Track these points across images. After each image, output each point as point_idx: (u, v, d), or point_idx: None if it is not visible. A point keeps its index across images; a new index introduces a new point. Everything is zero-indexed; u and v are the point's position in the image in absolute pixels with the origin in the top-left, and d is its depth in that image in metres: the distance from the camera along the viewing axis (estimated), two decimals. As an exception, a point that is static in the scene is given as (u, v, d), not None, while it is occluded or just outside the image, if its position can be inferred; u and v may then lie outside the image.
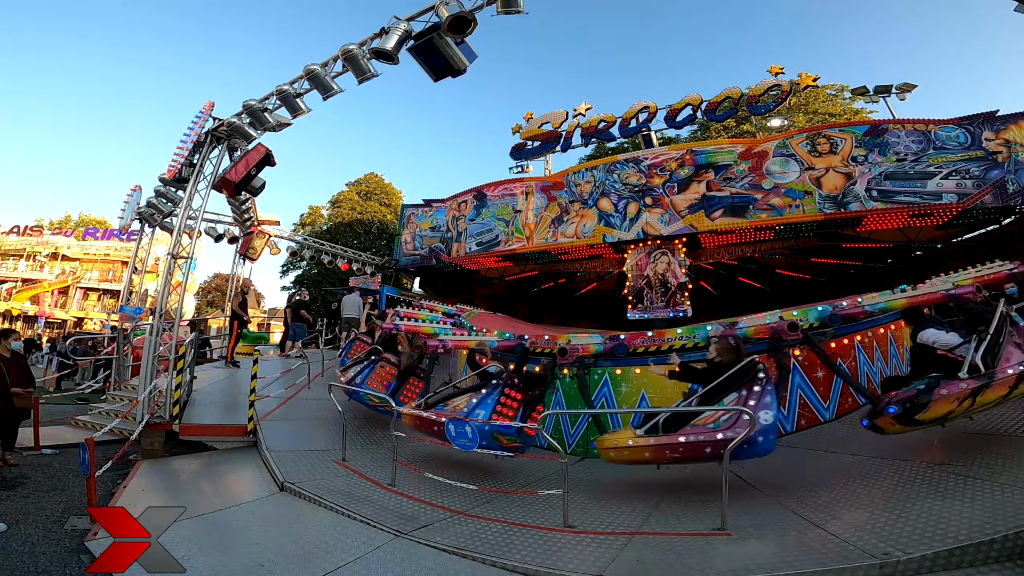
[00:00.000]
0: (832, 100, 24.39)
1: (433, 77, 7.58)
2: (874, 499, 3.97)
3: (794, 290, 14.36)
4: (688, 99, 15.36)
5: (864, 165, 10.61)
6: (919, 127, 10.46)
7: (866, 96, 15.59)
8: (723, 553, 3.50)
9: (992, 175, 9.69)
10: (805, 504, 4.13)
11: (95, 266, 36.45)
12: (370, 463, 6.21)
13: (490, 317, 10.74)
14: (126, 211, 11.32)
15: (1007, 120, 9.94)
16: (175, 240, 7.57)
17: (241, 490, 5.59)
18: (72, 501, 4.93)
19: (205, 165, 7.99)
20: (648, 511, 4.58)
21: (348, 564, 3.74)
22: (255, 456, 6.51)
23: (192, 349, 7.89)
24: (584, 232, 13.08)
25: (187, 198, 7.83)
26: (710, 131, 23.96)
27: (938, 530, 3.19)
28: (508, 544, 4.00)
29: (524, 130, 17.38)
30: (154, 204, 9.76)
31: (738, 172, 11.64)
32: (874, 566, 2.96)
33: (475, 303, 13.60)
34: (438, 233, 15.60)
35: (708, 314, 11.13)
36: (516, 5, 6.81)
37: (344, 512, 4.70)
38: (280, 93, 7.65)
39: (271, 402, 8.16)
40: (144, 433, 6.39)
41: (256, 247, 14.22)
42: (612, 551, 3.76)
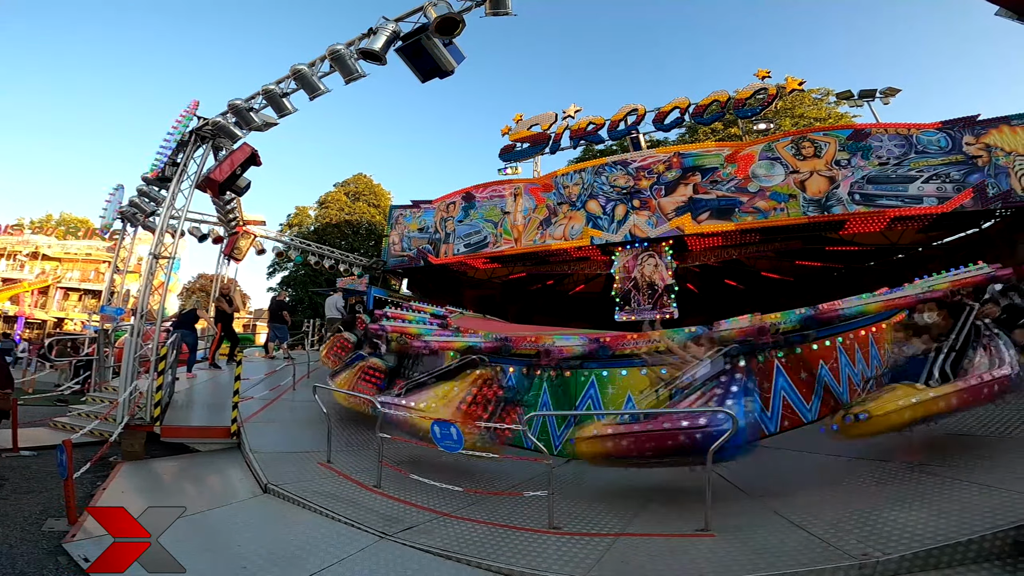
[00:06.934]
0: (818, 104, 24.70)
1: (421, 78, 7.57)
2: (855, 500, 4.01)
3: (779, 292, 14.52)
4: (676, 102, 15.49)
5: (847, 169, 10.77)
6: (901, 131, 10.64)
7: (851, 100, 15.87)
8: (706, 554, 3.52)
9: (972, 179, 9.88)
10: (788, 505, 4.17)
11: (76, 266, 35.86)
12: (355, 465, 6.16)
13: (475, 319, 10.73)
14: (108, 210, 11.07)
15: (987, 125, 10.14)
16: (157, 240, 7.47)
17: (224, 492, 5.52)
18: (50, 503, 4.84)
19: (189, 164, 7.90)
20: (633, 512, 4.59)
21: (331, 566, 3.70)
22: (239, 458, 6.43)
23: (174, 350, 7.78)
24: (572, 234, 13.12)
25: (170, 197, 7.73)
26: (698, 134, 24.16)
27: (916, 531, 3.22)
28: (493, 546, 3.98)
29: (513, 132, 17.42)
30: (136, 203, 9.62)
31: (724, 175, 11.76)
32: (853, 566, 2.99)
33: (465, 305, 13.59)
34: (426, 234, 15.57)
35: (694, 316, 11.21)
36: (505, 7, 6.82)
37: (328, 514, 4.66)
38: (266, 93, 7.60)
39: (255, 403, 8.07)
40: (124, 435, 6.30)
41: (241, 247, 14.07)
42: (597, 552, 3.76)
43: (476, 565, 3.71)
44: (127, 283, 12.66)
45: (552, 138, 17.03)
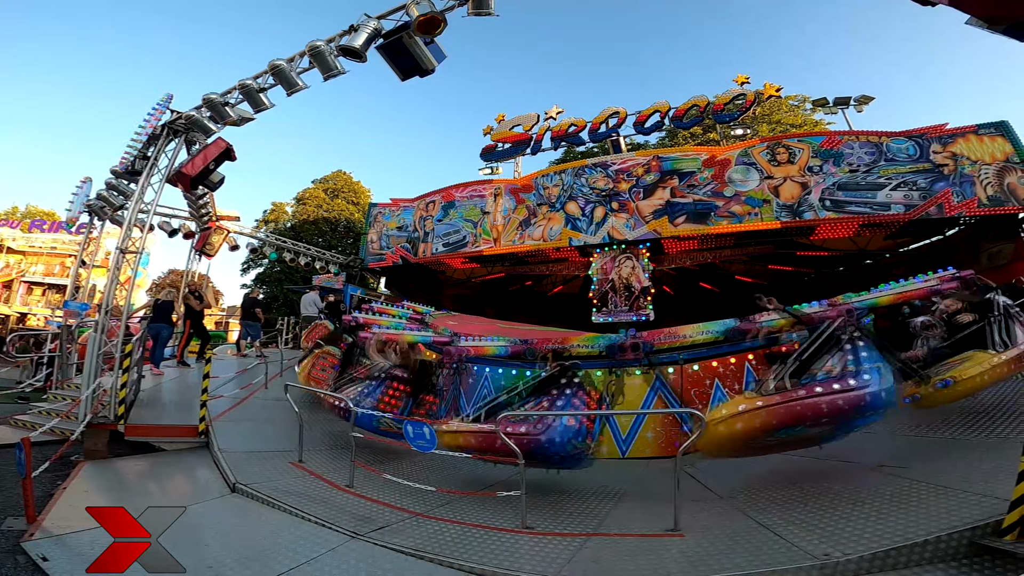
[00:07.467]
0: (794, 111, 25.25)
1: (401, 76, 7.53)
2: (819, 500, 4.10)
3: (751, 296, 14.74)
4: (657, 106, 15.70)
5: (819, 175, 11.01)
6: (872, 139, 10.92)
7: (826, 107, 16.22)
8: (675, 554, 3.57)
9: (938, 187, 10.17)
10: (755, 505, 4.24)
11: (41, 259, 34.67)
12: (328, 464, 6.08)
13: (448, 317, 10.69)
14: (75, 203, 10.75)
15: (955, 134, 10.45)
16: (124, 234, 7.26)
17: (190, 491, 5.39)
18: (9, 502, 4.68)
19: (160, 158, 7.70)
20: (605, 512, 4.63)
21: (301, 565, 3.64)
22: (206, 457, 6.29)
23: (140, 346, 7.58)
24: (551, 235, 13.16)
25: (139, 190, 7.52)
26: (677, 138, 24.50)
27: (876, 531, 3.30)
28: (466, 545, 3.97)
29: (495, 132, 17.45)
30: (104, 197, 9.33)
31: (701, 179, 11.92)
32: (815, 567, 3.05)
33: (444, 304, 13.51)
34: (405, 233, 15.46)
35: (670, 318, 11.34)
36: (487, 7, 6.82)
37: (299, 513, 4.58)
38: (243, 87, 7.46)
39: (225, 402, 7.91)
40: (87, 433, 6.10)
41: (214, 243, 13.77)
42: (569, 551, 3.78)
43: (449, 565, 3.69)
44: (94, 278, 12.30)
45: (534, 139, 17.10)
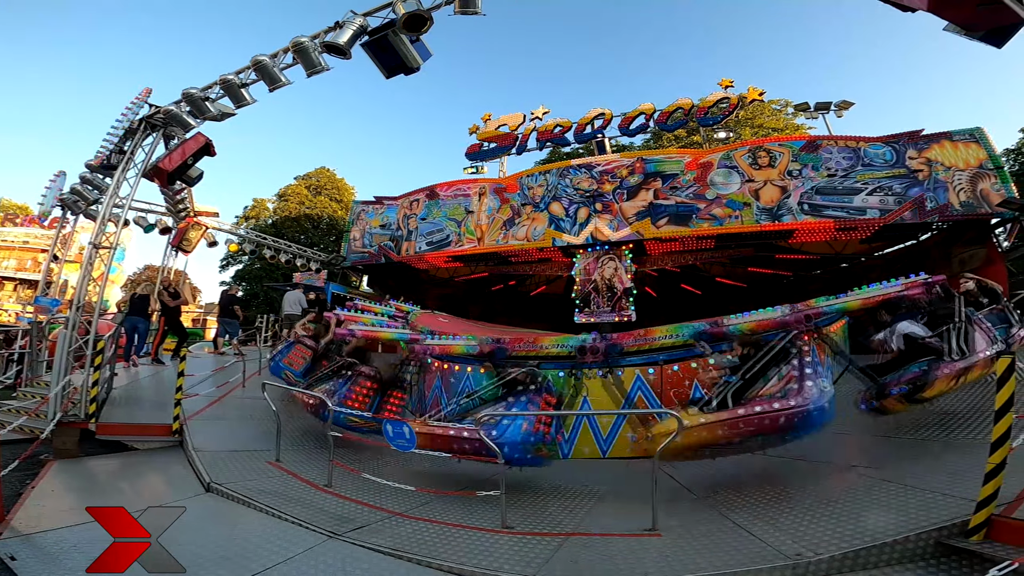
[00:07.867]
0: (777, 115, 25.60)
1: (385, 74, 7.49)
2: (793, 501, 4.17)
3: (733, 298, 14.94)
4: (642, 108, 15.83)
5: (798, 179, 11.17)
6: (850, 144, 11.11)
7: (807, 112, 16.48)
8: (652, 553, 3.60)
9: (912, 192, 10.38)
10: (731, 505, 4.30)
11: (12, 254, 33.75)
12: (306, 464, 6.01)
13: (429, 316, 10.62)
14: (47, 197, 10.43)
15: (930, 140, 10.65)
16: (98, 228, 7.09)
17: (163, 491, 5.31)
18: (-23, 502, 4.54)
19: (137, 152, 7.53)
20: (584, 512, 4.66)
21: (277, 565, 3.59)
22: (180, 456, 6.17)
23: (113, 343, 7.41)
24: (535, 235, 13.17)
25: (114, 185, 7.35)
26: (662, 140, 24.70)
27: (847, 531, 3.36)
28: (445, 545, 3.96)
29: (481, 131, 17.42)
30: (78, 191, 9.06)
31: (684, 182, 12.02)
32: (787, 566, 3.10)
33: (427, 303, 13.42)
34: (388, 231, 15.33)
35: (652, 319, 11.42)
36: (474, 6, 6.81)
37: (275, 513, 4.52)
38: (224, 82, 7.34)
39: (200, 400, 7.78)
40: (56, 432, 5.96)
41: (191, 239, 13.51)
42: (548, 551, 3.79)
43: (427, 564, 3.68)
44: (66, 273, 11.98)
45: (519, 139, 17.10)
